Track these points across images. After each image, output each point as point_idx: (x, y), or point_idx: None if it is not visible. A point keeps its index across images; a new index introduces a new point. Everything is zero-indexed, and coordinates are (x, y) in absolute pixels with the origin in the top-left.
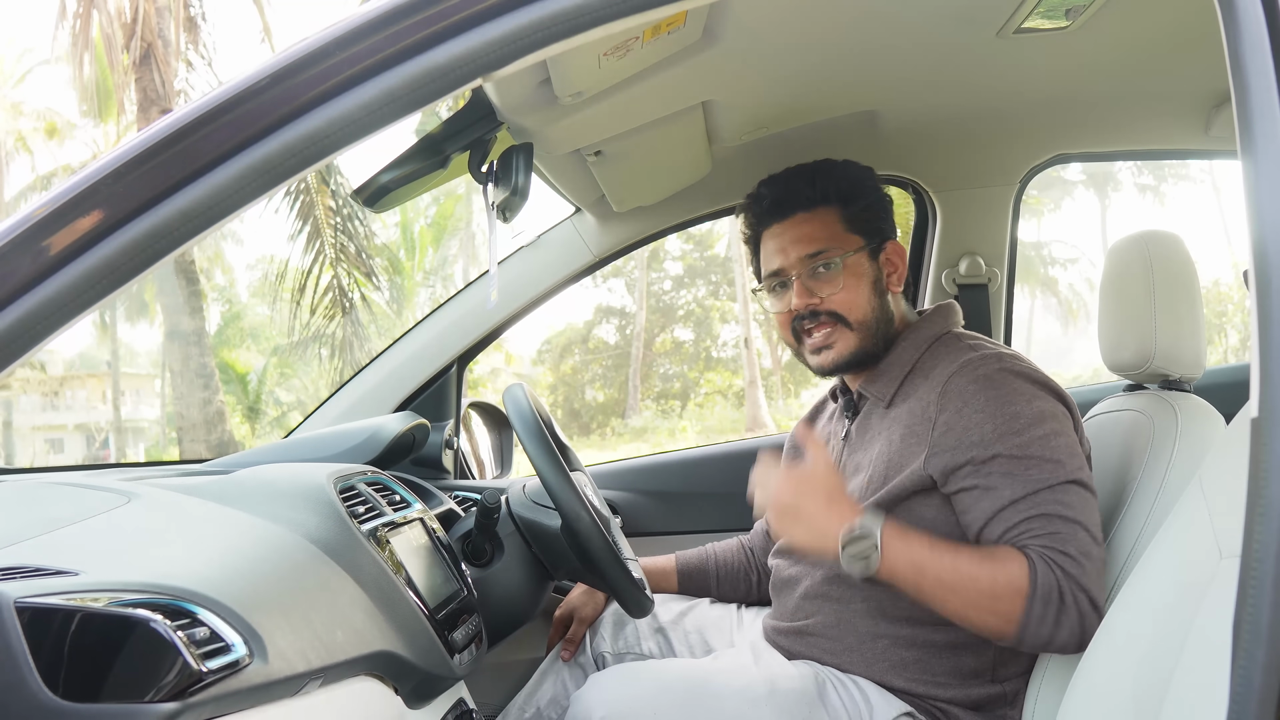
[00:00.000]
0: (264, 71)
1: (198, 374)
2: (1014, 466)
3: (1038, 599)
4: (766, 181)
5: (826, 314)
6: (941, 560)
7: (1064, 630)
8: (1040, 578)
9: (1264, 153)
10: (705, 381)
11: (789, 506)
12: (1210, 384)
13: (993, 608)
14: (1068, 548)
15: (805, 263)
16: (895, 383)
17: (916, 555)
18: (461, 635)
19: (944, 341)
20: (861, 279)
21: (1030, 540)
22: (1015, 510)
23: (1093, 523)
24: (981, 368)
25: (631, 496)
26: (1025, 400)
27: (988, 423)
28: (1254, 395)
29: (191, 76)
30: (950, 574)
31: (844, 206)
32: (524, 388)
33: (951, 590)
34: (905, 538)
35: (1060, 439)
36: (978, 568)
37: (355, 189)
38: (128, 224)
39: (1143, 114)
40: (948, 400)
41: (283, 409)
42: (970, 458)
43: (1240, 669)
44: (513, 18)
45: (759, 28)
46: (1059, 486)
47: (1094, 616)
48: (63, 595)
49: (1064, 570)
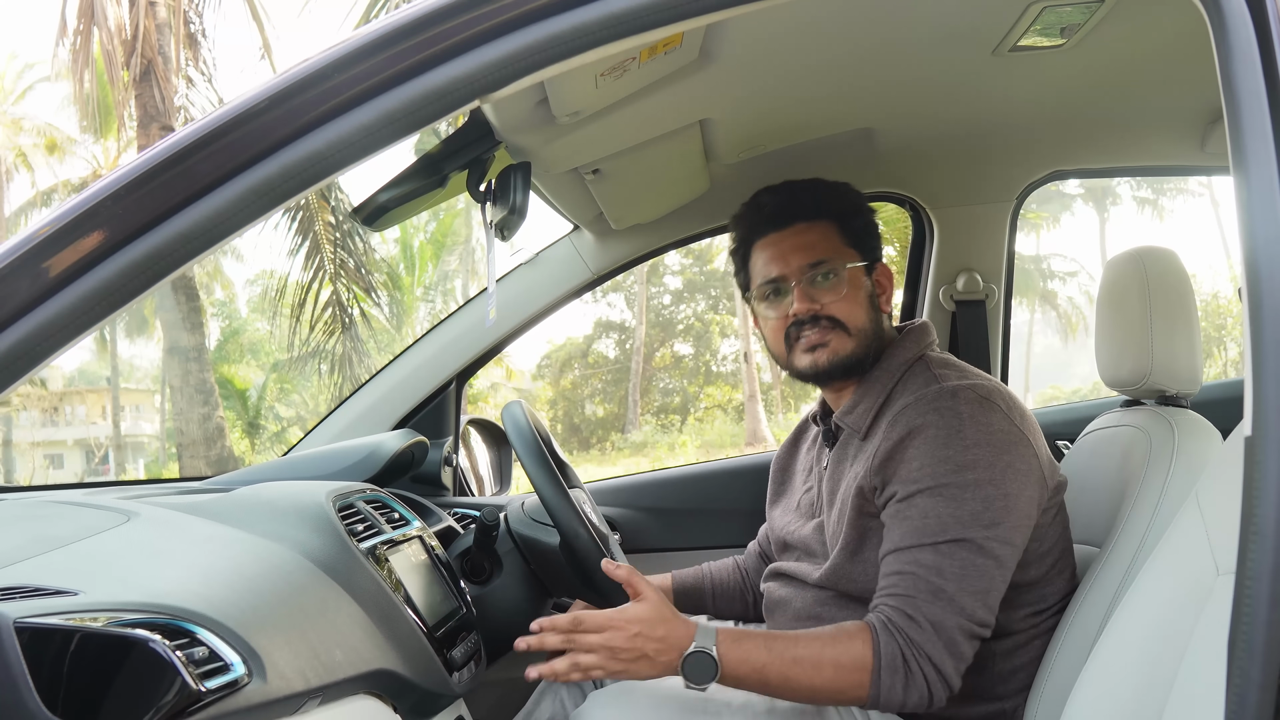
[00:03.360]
0: (263, 94)
1: (197, 389)
2: (916, 512)
3: (883, 670)
4: (767, 190)
5: (826, 319)
6: (782, 657)
7: (913, 695)
8: (883, 648)
9: (1255, 170)
10: (705, 396)
11: (629, 650)
12: (1207, 399)
13: (840, 688)
14: (918, 614)
15: (806, 271)
16: (870, 414)
17: (755, 657)
18: (460, 653)
19: (914, 370)
20: (860, 290)
21: (886, 599)
22: (894, 560)
23: (966, 588)
24: (936, 401)
25: (630, 513)
26: (962, 445)
27: (917, 460)
28: (1247, 414)
29: (192, 93)
30: (793, 666)
31: (842, 222)
32: (523, 405)
33: (797, 682)
34: (740, 644)
35: (984, 489)
36: (821, 653)
37: (354, 208)
38: (128, 245)
39: (1139, 130)
40: (894, 429)
41: (282, 424)
42: (894, 492)
43: (1235, 686)
44: (510, 40)
45: (755, 47)
46: (944, 545)
47: (941, 684)
48: (62, 615)
49: (907, 638)
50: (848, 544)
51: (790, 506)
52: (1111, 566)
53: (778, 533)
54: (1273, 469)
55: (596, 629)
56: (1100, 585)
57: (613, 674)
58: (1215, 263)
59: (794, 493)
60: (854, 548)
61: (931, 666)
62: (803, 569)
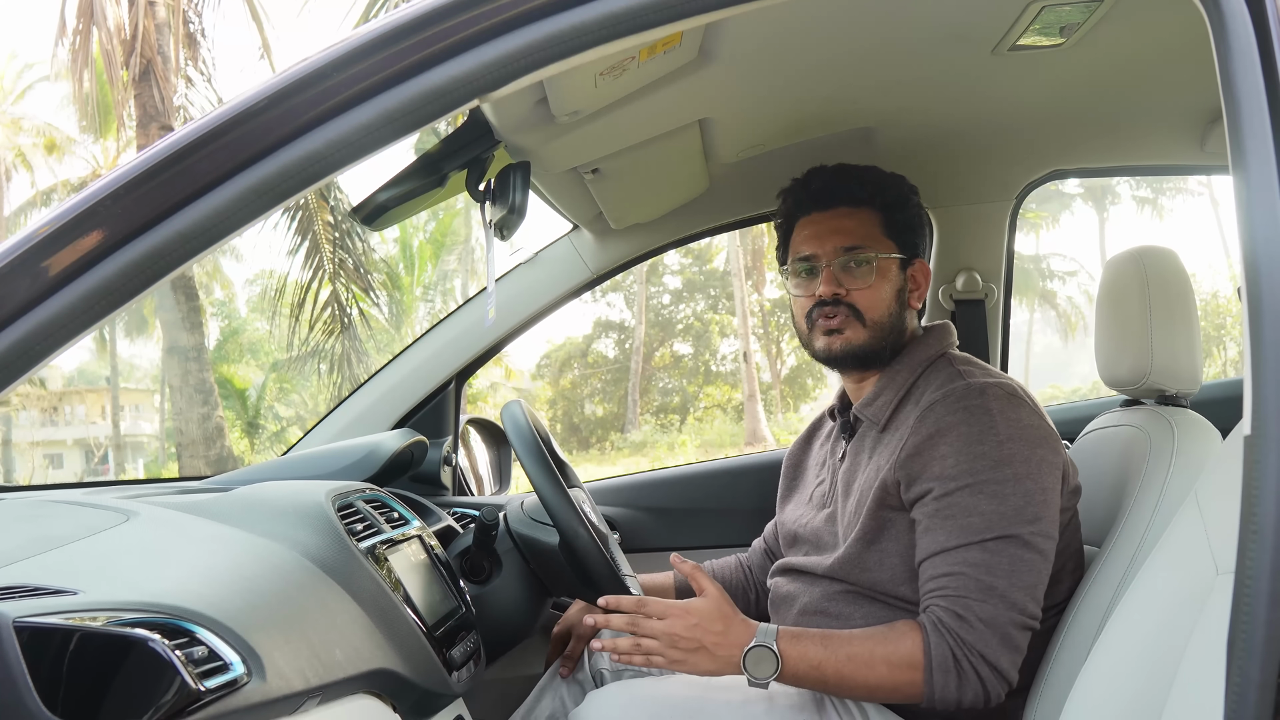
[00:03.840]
0: (262, 93)
1: (197, 389)
2: (959, 510)
3: (935, 670)
4: (818, 170)
5: (847, 306)
6: (838, 653)
7: (968, 694)
8: (934, 649)
9: (1255, 169)
10: (704, 395)
11: (688, 640)
12: (1207, 399)
13: (895, 685)
14: (969, 614)
15: (839, 254)
16: (889, 407)
17: (813, 655)
18: (460, 652)
19: (937, 366)
20: (888, 282)
21: (937, 600)
22: (941, 561)
23: (1017, 584)
24: (965, 398)
25: (630, 513)
26: (996, 441)
27: (951, 457)
28: (1247, 413)
29: (191, 93)
30: (848, 664)
31: (887, 213)
32: (522, 404)
33: (853, 679)
34: (799, 641)
35: (1024, 484)
36: (873, 651)
37: (353, 208)
38: (127, 245)
39: (1138, 130)
40: (923, 425)
41: (282, 424)
42: (929, 490)
43: (1235, 686)
44: (509, 39)
45: (754, 47)
46: (991, 543)
47: (997, 679)
48: (61, 615)
49: (959, 638)
50: (864, 534)
51: (803, 500)
52: (1111, 566)
53: (789, 526)
54: (1272, 468)
55: (660, 615)
56: (1100, 584)
57: (672, 663)
58: (1215, 262)
59: (806, 486)
60: (870, 538)
61: (985, 664)
62: (811, 562)
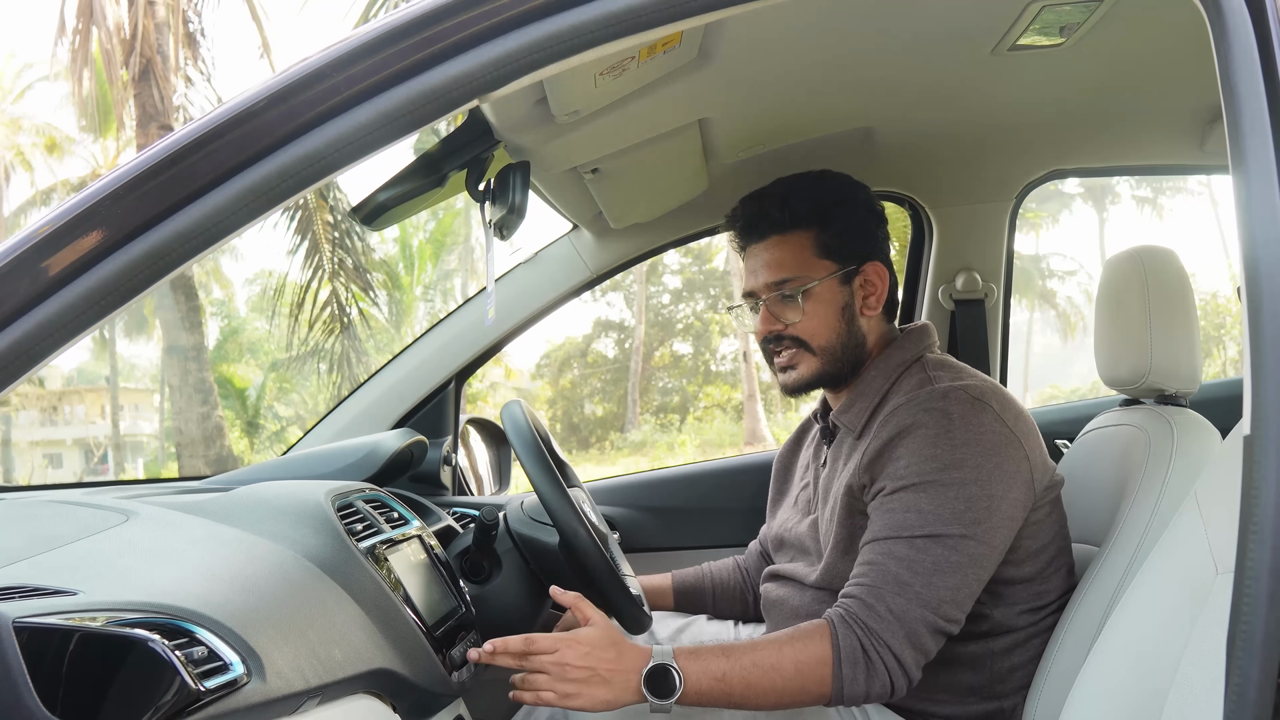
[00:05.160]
0: (261, 93)
1: (196, 389)
2: (899, 506)
3: (844, 663)
4: (744, 200)
5: (790, 339)
6: (741, 661)
7: (876, 686)
8: (842, 641)
9: (1255, 169)
10: (704, 395)
11: (581, 669)
12: (1206, 399)
13: (803, 686)
14: (879, 604)
15: (771, 288)
16: (865, 414)
17: (715, 668)
18: (460, 652)
19: (911, 371)
20: (827, 306)
21: (851, 587)
22: (867, 550)
23: (937, 584)
24: (928, 402)
25: (629, 512)
26: (950, 445)
27: (905, 458)
28: (1246, 413)
29: (190, 92)
30: (754, 671)
31: (819, 229)
32: (522, 404)
33: (759, 686)
34: (699, 656)
35: (968, 489)
36: (779, 653)
37: (353, 207)
38: (126, 245)
39: (1138, 130)
40: (884, 430)
41: (281, 424)
42: (881, 488)
43: (1234, 685)
44: (509, 39)
45: (754, 46)
46: (920, 540)
47: (900, 673)
48: (61, 615)
49: (866, 627)
50: (839, 542)
51: (789, 504)
52: (1110, 565)
53: (775, 530)
54: (1271, 468)
55: (549, 649)
56: (1099, 584)
57: (564, 697)
58: (1214, 262)
59: (793, 490)
60: (845, 546)
61: (891, 656)
62: (799, 570)
